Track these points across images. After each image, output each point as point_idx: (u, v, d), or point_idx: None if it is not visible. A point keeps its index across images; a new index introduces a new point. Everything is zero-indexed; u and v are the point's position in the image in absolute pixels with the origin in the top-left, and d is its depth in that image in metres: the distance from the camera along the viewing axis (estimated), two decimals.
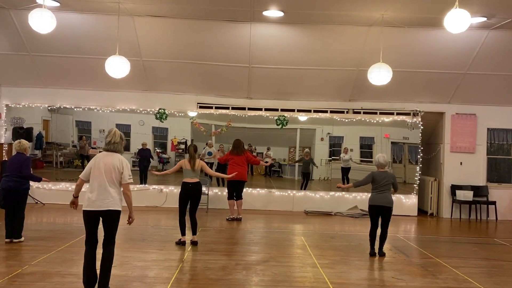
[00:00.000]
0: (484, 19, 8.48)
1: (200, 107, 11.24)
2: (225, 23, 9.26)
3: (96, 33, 9.49)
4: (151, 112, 11.26)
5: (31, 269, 5.51)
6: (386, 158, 7.10)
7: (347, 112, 11.31)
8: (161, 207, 10.93)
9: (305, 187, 11.78)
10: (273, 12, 8.59)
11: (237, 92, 11.12)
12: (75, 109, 11.28)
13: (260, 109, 11.27)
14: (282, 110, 11.25)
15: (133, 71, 9.30)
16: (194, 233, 7.17)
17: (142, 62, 10.26)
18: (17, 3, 8.64)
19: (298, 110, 11.29)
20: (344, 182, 11.70)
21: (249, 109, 11.26)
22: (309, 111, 11.32)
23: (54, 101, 11.14)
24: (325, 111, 11.33)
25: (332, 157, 12.10)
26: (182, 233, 7.15)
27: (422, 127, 11.29)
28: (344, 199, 11.25)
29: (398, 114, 11.27)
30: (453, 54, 9.80)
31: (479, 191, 11.17)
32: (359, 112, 11.28)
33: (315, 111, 11.32)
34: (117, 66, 8.40)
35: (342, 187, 7.86)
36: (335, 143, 12.17)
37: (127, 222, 4.85)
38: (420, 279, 5.76)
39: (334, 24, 9.13)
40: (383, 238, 6.94)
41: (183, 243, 7.07)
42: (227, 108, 11.25)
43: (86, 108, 11.18)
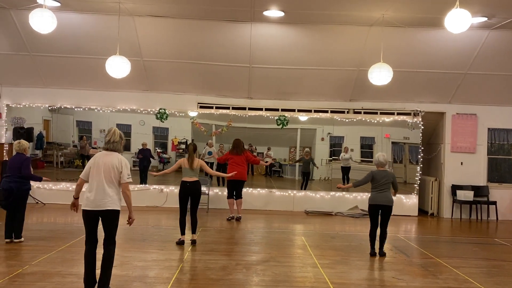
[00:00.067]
0: (485, 19, 8.47)
1: (201, 107, 11.24)
2: (226, 23, 9.26)
3: (97, 33, 9.50)
4: (152, 112, 11.26)
5: (32, 269, 5.51)
6: (386, 157, 7.10)
7: (348, 112, 11.30)
8: (162, 207, 10.93)
9: (305, 187, 11.77)
10: (274, 12, 8.59)
11: (238, 92, 11.12)
12: (76, 109, 11.28)
13: (261, 109, 11.27)
14: (283, 110, 11.25)
15: (134, 71, 9.31)
16: (193, 232, 7.19)
17: (143, 62, 10.26)
18: (18, 3, 8.65)
19: (299, 110, 11.29)
20: (344, 182, 11.69)
21: (250, 109, 11.25)
22: (310, 111, 11.32)
23: (55, 101, 11.15)
24: (326, 111, 11.32)
25: (333, 157, 12.10)
26: (182, 232, 7.16)
27: (423, 127, 11.29)
28: (345, 199, 11.25)
29: (399, 114, 11.26)
30: (454, 54, 9.80)
31: (480, 191, 11.17)
32: (360, 112, 11.28)
33: (316, 111, 11.32)
34: (118, 66, 8.41)
35: (342, 188, 7.86)
36: (336, 143, 12.17)
37: (127, 223, 4.84)
38: (421, 279, 5.75)
39: (335, 24, 9.13)
40: (384, 238, 6.94)
41: (182, 243, 7.08)
42: (228, 108, 11.25)
43: (87, 108, 11.19)
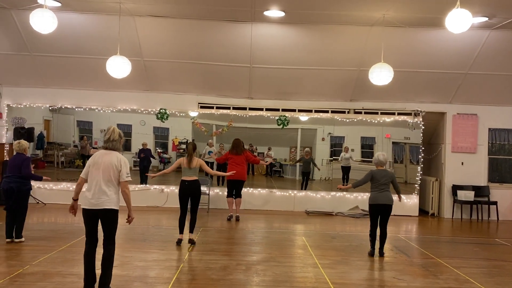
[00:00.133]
0: (486, 19, 8.47)
1: (201, 107, 11.24)
2: (226, 23, 9.26)
3: (97, 33, 9.50)
4: (152, 112, 11.26)
5: (32, 269, 5.51)
6: (386, 156, 7.11)
7: (348, 112, 11.30)
8: (162, 207, 10.93)
9: (305, 187, 11.77)
10: (274, 12, 8.59)
11: (238, 92, 11.12)
12: (76, 109, 11.29)
13: (261, 109, 11.26)
14: (283, 110, 11.24)
15: (134, 71, 9.31)
16: (190, 231, 7.19)
17: (143, 62, 10.27)
18: (18, 3, 8.65)
19: (299, 110, 11.29)
20: (344, 181, 11.71)
21: (250, 109, 11.25)
22: (310, 111, 11.31)
23: (55, 101, 11.15)
24: (326, 111, 11.32)
25: (333, 157, 12.10)
26: (180, 231, 7.17)
27: (423, 127, 11.28)
28: (345, 199, 11.25)
29: (399, 114, 11.25)
30: (454, 54, 9.79)
31: (480, 191, 11.16)
32: (360, 112, 11.27)
33: (316, 111, 11.32)
34: (118, 66, 8.41)
35: (342, 188, 7.87)
36: (336, 143, 12.17)
37: (126, 221, 4.84)
38: (421, 280, 5.75)
39: (335, 24, 9.13)
40: (384, 238, 6.93)
41: (179, 242, 7.09)
42: (228, 108, 11.25)
43: (87, 108, 11.19)
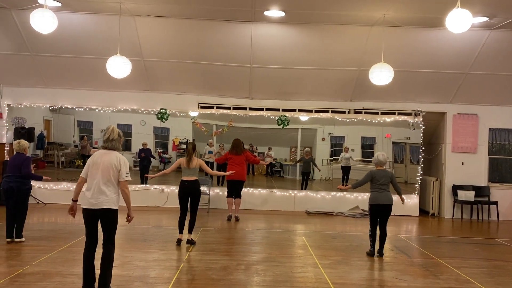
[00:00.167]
0: (486, 19, 8.46)
1: (202, 107, 11.24)
2: (226, 23, 9.26)
3: (98, 33, 9.50)
4: (153, 112, 11.26)
5: (33, 269, 5.51)
6: (386, 156, 7.12)
7: (349, 112, 11.29)
8: (163, 207, 10.93)
9: (305, 187, 11.77)
10: (274, 12, 8.59)
11: (239, 92, 11.11)
12: (77, 109, 11.29)
13: (261, 109, 11.26)
14: (283, 110, 11.24)
15: (135, 71, 9.31)
16: (189, 232, 7.18)
17: (144, 62, 10.27)
18: (19, 3, 8.65)
19: (299, 110, 11.29)
20: (344, 181, 11.73)
21: (250, 109, 11.25)
22: (311, 111, 11.31)
23: (56, 101, 11.15)
24: (327, 111, 11.32)
25: (334, 157, 12.10)
26: (180, 231, 7.16)
27: (424, 127, 11.28)
28: (346, 199, 11.24)
29: (400, 114, 11.25)
30: (455, 54, 9.78)
31: (481, 191, 11.16)
32: (361, 112, 11.27)
33: (316, 111, 11.31)
34: (119, 66, 8.40)
35: (342, 189, 7.87)
36: (337, 143, 12.17)
37: (126, 220, 4.84)
38: (422, 280, 5.75)
39: (335, 24, 9.12)
40: (384, 238, 6.94)
41: (179, 242, 7.09)
42: (229, 108, 11.25)
43: (88, 108, 11.19)
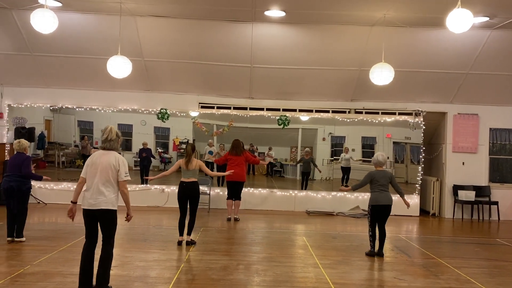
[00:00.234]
0: (487, 19, 8.46)
1: (202, 107, 11.24)
2: (227, 23, 9.26)
3: (98, 33, 9.51)
4: (153, 112, 11.27)
5: (33, 269, 5.51)
6: (385, 156, 7.14)
7: (349, 112, 11.29)
8: (163, 207, 10.93)
9: (306, 187, 11.76)
10: (275, 12, 8.58)
11: (239, 92, 11.11)
12: (77, 109, 11.29)
13: (262, 109, 11.26)
14: (284, 110, 11.24)
15: (135, 71, 9.31)
16: (188, 233, 7.17)
17: (144, 62, 10.27)
18: (19, 3, 8.66)
19: (300, 110, 11.28)
20: (344, 182, 11.75)
21: (251, 109, 11.25)
22: (311, 111, 11.31)
23: (56, 101, 11.16)
24: (327, 111, 11.32)
25: (334, 157, 12.09)
26: (180, 233, 7.15)
27: (424, 127, 11.27)
28: (346, 199, 11.24)
29: (400, 114, 11.24)
30: (455, 54, 9.78)
31: (481, 191, 11.15)
32: (361, 112, 11.27)
33: (317, 111, 11.31)
34: (119, 66, 8.41)
35: (343, 190, 7.87)
36: (337, 143, 12.17)
37: (125, 219, 4.85)
38: (422, 280, 5.74)
39: (336, 24, 9.12)
40: (384, 237, 6.94)
41: (180, 243, 7.08)
42: (229, 108, 11.25)
43: (88, 108, 11.20)
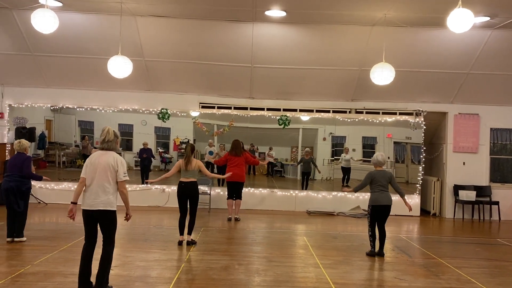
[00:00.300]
0: (487, 19, 8.45)
1: (203, 107, 11.24)
2: (227, 23, 9.26)
3: (99, 33, 9.51)
4: (154, 112, 11.27)
5: (34, 269, 5.51)
6: (385, 156, 7.15)
7: (350, 112, 11.29)
8: (164, 207, 10.93)
9: (306, 187, 11.76)
10: (275, 12, 8.58)
11: (239, 92, 11.11)
12: (78, 109, 11.30)
13: (262, 109, 11.26)
14: (284, 110, 11.23)
15: (136, 71, 9.31)
16: (188, 233, 7.17)
17: (145, 62, 10.27)
18: (20, 3, 8.66)
19: (300, 110, 11.28)
20: (344, 182, 11.77)
21: (251, 109, 11.24)
22: (312, 111, 11.30)
23: (57, 101, 11.16)
24: (328, 111, 11.31)
25: (335, 157, 12.09)
26: (180, 233, 7.15)
27: (425, 127, 11.26)
28: (347, 199, 11.22)
29: (401, 114, 11.24)
30: (456, 54, 9.77)
31: (482, 191, 11.14)
32: (362, 112, 11.26)
33: (317, 111, 11.30)
34: (120, 66, 8.41)
35: (346, 191, 7.87)
36: (338, 143, 12.17)
37: (125, 219, 4.86)
38: (423, 280, 5.74)
39: (337, 24, 9.11)
40: (384, 237, 6.95)
41: (180, 243, 7.08)
42: (229, 108, 11.25)
43: (89, 108, 11.20)
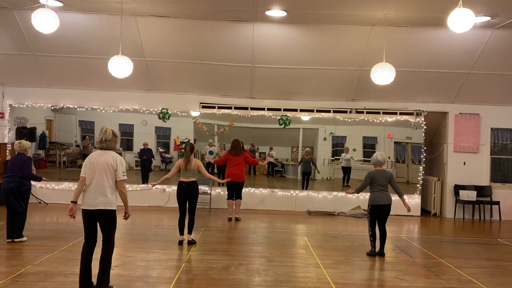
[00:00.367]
0: (488, 19, 8.45)
1: (203, 107, 11.24)
2: (228, 23, 9.26)
3: (99, 33, 9.51)
4: (154, 112, 11.27)
5: (34, 269, 5.52)
6: (384, 156, 7.16)
7: (350, 112, 11.28)
8: (164, 207, 10.93)
9: (306, 187, 11.76)
10: (276, 12, 8.58)
11: (240, 92, 11.11)
12: (78, 109, 11.30)
13: (263, 109, 11.26)
14: (285, 110, 11.23)
15: (136, 71, 9.32)
16: (189, 232, 7.17)
17: (145, 62, 10.27)
18: (20, 3, 8.67)
19: (301, 110, 11.28)
20: (345, 182, 11.77)
21: (252, 109, 11.24)
22: (312, 111, 11.30)
23: (57, 101, 11.17)
24: (328, 111, 11.31)
25: (335, 157, 12.09)
26: (180, 233, 7.16)
27: (425, 127, 11.26)
28: (347, 199, 11.22)
29: (401, 114, 11.23)
30: (457, 54, 9.76)
31: (483, 191, 11.14)
32: (362, 112, 11.26)
33: (318, 111, 11.30)
34: (120, 66, 8.41)
35: (350, 193, 7.87)
36: (338, 143, 12.16)
37: (123, 218, 4.86)
38: (423, 280, 5.74)
39: (337, 24, 9.11)
40: (384, 237, 6.95)
41: (181, 243, 7.08)
42: (230, 108, 11.25)
43: (89, 108, 11.20)
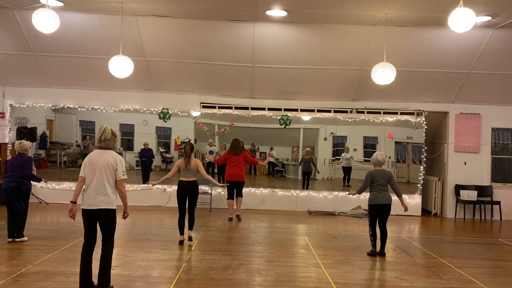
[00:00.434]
0: (489, 18, 8.44)
1: (204, 107, 11.24)
2: (228, 23, 9.26)
3: (100, 33, 9.51)
4: (155, 112, 11.27)
5: (35, 269, 5.52)
6: (384, 156, 7.17)
7: (351, 112, 11.28)
8: (165, 207, 10.93)
9: (307, 187, 11.76)
10: (276, 12, 8.58)
11: (240, 92, 11.11)
12: (79, 109, 11.30)
13: (263, 109, 11.26)
14: (285, 110, 11.22)
15: (137, 71, 9.31)
16: (190, 228, 7.18)
17: (146, 62, 10.27)
18: (21, 3, 8.67)
19: (302, 110, 11.27)
20: (345, 181, 11.78)
21: (252, 109, 11.24)
22: (313, 111, 11.29)
23: (58, 101, 11.17)
24: (329, 111, 11.30)
25: (336, 157, 12.09)
26: (180, 233, 7.15)
27: (426, 127, 11.25)
28: (348, 199, 11.21)
29: (402, 114, 11.22)
30: (457, 53, 9.76)
31: (483, 191, 11.13)
32: (363, 112, 11.25)
33: (319, 111, 11.29)
34: (121, 66, 8.41)
35: (352, 194, 7.87)
36: (339, 143, 12.16)
37: (122, 217, 4.86)
38: (424, 280, 5.73)
39: (338, 24, 9.11)
40: (385, 237, 6.94)
41: (181, 243, 7.08)
42: (230, 108, 11.24)
43: (90, 108, 11.20)
